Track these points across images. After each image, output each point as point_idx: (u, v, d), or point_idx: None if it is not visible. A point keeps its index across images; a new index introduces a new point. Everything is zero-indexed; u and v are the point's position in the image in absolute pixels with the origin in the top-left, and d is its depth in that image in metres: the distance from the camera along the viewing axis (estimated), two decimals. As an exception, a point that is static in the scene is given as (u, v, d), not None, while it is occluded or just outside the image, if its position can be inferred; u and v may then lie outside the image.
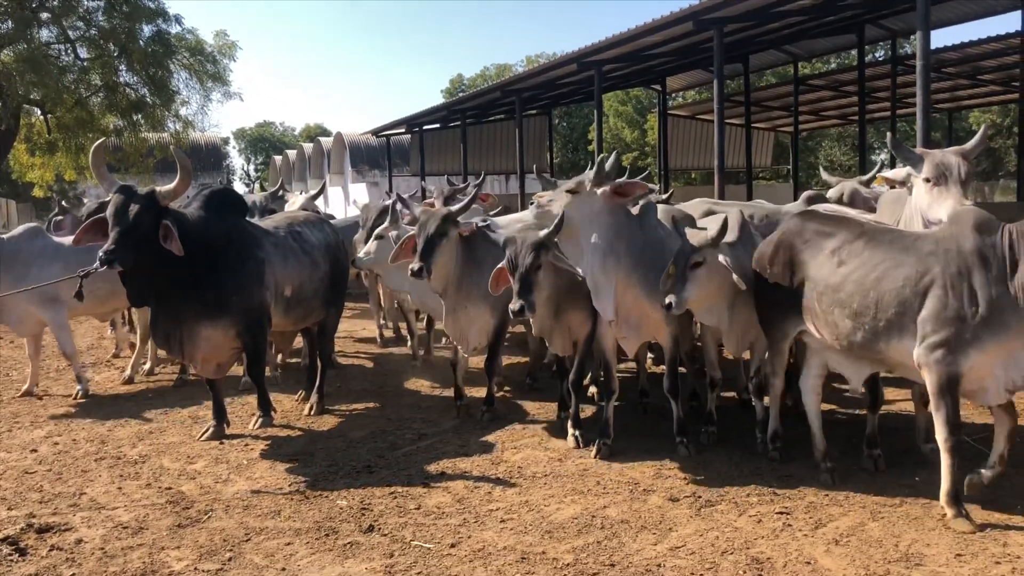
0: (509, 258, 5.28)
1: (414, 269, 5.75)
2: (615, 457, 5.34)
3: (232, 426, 6.25)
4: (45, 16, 18.84)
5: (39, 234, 7.75)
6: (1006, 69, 17.39)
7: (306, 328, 7.20)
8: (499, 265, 5.46)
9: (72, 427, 6.49)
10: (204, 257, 5.63)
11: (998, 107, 29.01)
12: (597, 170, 5.06)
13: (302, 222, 6.92)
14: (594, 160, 5.31)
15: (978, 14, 14.16)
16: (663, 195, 8.07)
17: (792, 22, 13.06)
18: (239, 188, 47.80)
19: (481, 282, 5.82)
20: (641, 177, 6.14)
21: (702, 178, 35.23)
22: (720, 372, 5.94)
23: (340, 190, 33.17)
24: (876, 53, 28.61)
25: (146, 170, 21.44)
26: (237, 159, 64.81)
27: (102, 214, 5.54)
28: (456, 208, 6.18)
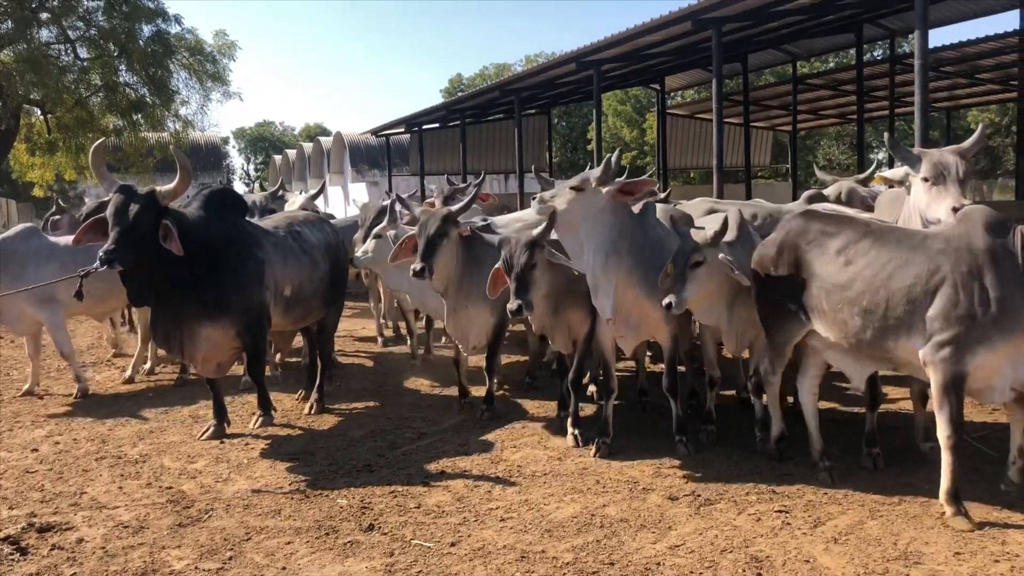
0: (504, 258, 5.29)
1: (416, 269, 5.76)
2: (614, 456, 5.36)
3: (232, 425, 6.26)
4: (45, 16, 18.84)
5: (35, 234, 7.76)
6: (1004, 68, 17.42)
7: (306, 327, 7.22)
8: (496, 266, 5.48)
9: (73, 426, 6.50)
10: (204, 257, 5.64)
11: (996, 106, 29.08)
12: (604, 168, 5.03)
13: (302, 222, 6.92)
14: (593, 159, 5.33)
15: (976, 13, 14.17)
16: (661, 194, 8.07)
17: (791, 21, 13.07)
18: (239, 188, 47.79)
19: (481, 282, 5.83)
20: (646, 176, 6.14)
21: (701, 177, 35.24)
22: (719, 371, 5.95)
23: (340, 190, 33.13)
24: (874, 52, 28.60)
25: (146, 170, 21.46)
26: (237, 159, 64.89)
27: (102, 214, 5.56)
28: (456, 208, 6.19)
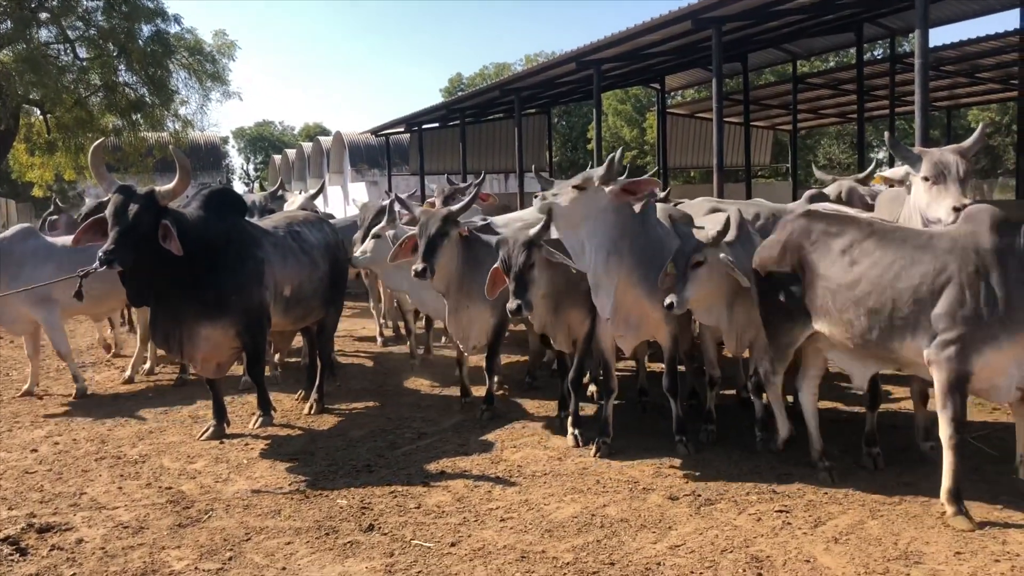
0: (503, 258, 5.29)
1: (418, 270, 5.76)
2: (615, 456, 5.35)
3: (232, 425, 6.25)
4: (44, 16, 18.83)
5: (32, 234, 7.76)
6: (1004, 67, 17.40)
7: (306, 327, 7.21)
8: (494, 266, 5.47)
9: (72, 427, 6.50)
10: (203, 257, 5.63)
11: (996, 105, 29.06)
12: (607, 167, 5.02)
13: (301, 222, 6.92)
14: (593, 159, 5.32)
15: (976, 12, 14.16)
16: (660, 193, 8.06)
17: (791, 21, 13.05)
18: (238, 187, 47.81)
19: (481, 281, 5.81)
20: (648, 176, 6.13)
21: (701, 176, 35.23)
22: (719, 370, 5.95)
23: (339, 189, 33.12)
24: (875, 51, 28.61)
25: (145, 170, 21.45)
26: (236, 158, 64.88)
27: (101, 214, 5.56)
28: (456, 208, 6.19)
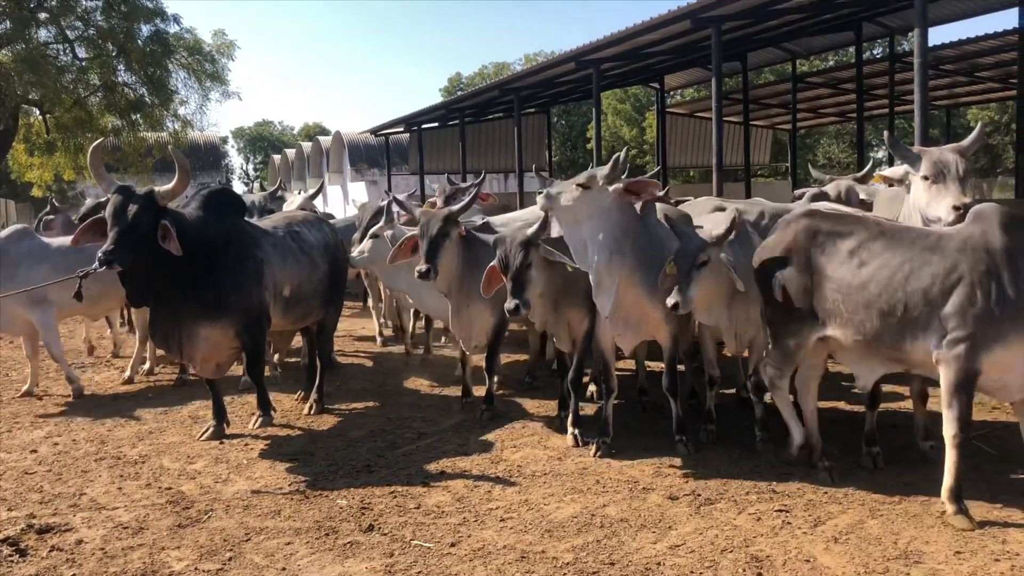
0: (500, 258, 5.28)
1: (421, 271, 5.76)
2: (614, 455, 5.35)
3: (232, 426, 6.25)
4: (43, 16, 18.84)
5: (27, 235, 7.75)
6: (1003, 66, 17.40)
7: (305, 327, 7.21)
8: (490, 264, 5.46)
9: (72, 427, 6.50)
10: (203, 257, 5.63)
11: (996, 104, 29.06)
12: (612, 166, 5.00)
13: (301, 222, 6.91)
14: (593, 158, 5.32)
15: (975, 11, 14.15)
16: (659, 193, 8.05)
17: (790, 20, 13.05)
18: (238, 187, 47.80)
19: (480, 281, 5.82)
20: (649, 176, 6.13)
21: (700, 176, 35.23)
22: (719, 370, 5.94)
23: (339, 189, 33.13)
24: (874, 50, 28.62)
25: (145, 170, 21.46)
26: (236, 158, 64.93)
27: (100, 214, 5.55)
28: (457, 208, 6.18)
